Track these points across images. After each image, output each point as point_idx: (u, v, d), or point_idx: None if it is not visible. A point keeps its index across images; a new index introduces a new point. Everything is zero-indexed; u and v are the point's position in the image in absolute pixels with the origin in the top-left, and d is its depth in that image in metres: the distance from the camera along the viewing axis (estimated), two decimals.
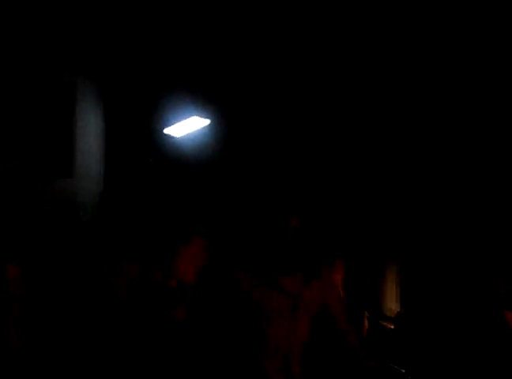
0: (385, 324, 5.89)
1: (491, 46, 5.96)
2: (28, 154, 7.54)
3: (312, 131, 8.12)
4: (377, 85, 7.28)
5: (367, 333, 4.37)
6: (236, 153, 8.53)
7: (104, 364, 4.20)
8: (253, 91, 8.17)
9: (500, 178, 6.53)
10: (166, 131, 7.87)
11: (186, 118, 7.71)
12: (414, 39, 6.42)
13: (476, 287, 6.12)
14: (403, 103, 7.28)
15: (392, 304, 7.66)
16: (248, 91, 8.21)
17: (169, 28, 7.67)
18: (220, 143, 8.47)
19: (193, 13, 7.26)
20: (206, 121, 7.78)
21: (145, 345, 4.21)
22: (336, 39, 6.96)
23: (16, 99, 7.53)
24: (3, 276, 4.32)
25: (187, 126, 7.89)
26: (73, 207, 7.72)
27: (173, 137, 7.95)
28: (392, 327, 5.86)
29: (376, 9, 6.26)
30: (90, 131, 8.04)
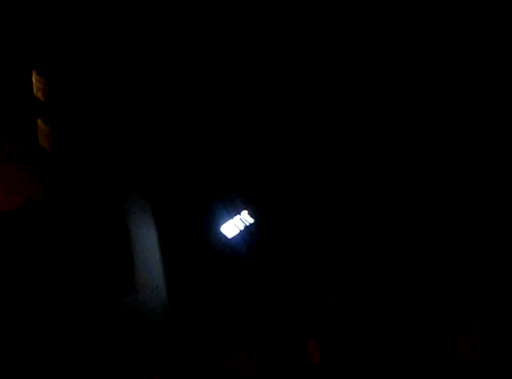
0: None
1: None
2: (92, 275, 7.79)
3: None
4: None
5: None
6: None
7: None
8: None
9: None
10: (219, 230, 8.13)
11: (233, 217, 8.05)
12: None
13: None
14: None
15: None
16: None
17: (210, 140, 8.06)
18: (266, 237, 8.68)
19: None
20: (251, 220, 8.12)
21: None
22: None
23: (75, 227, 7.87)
24: None
25: (236, 225, 8.21)
26: (141, 320, 7.87)
27: (226, 237, 8.19)
28: None
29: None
30: (145, 243, 8.29)
